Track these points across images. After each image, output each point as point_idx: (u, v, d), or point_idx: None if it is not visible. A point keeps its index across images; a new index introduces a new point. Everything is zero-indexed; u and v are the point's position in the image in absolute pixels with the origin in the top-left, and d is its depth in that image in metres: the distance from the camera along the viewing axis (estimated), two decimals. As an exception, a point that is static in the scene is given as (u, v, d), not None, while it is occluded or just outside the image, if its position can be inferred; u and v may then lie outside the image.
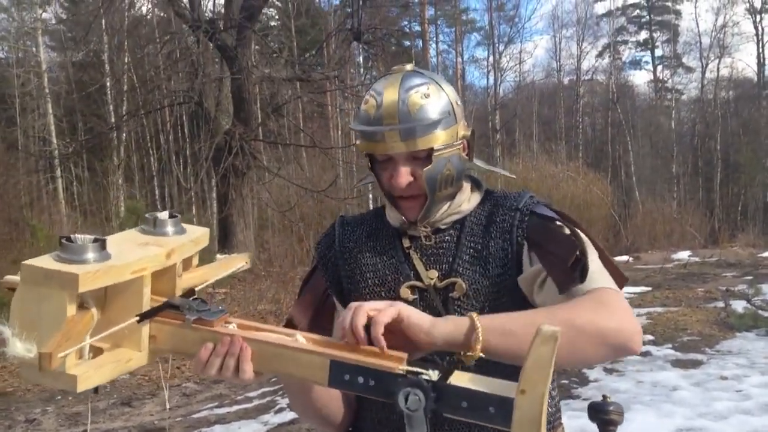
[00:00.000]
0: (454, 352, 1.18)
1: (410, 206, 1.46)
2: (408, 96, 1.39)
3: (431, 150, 1.40)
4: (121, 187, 20.69)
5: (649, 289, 11.75)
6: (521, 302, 1.37)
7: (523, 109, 35.27)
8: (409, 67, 1.47)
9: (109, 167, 21.11)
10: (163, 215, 1.31)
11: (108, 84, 21.28)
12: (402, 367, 1.10)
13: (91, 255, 1.10)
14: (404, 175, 1.41)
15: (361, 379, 1.12)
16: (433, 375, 1.09)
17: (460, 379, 1.08)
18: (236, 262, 1.45)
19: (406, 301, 1.43)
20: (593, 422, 1.47)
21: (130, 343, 1.20)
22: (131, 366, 1.21)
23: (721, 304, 9.74)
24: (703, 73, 36.84)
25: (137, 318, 1.19)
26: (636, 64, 41.31)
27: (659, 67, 39.48)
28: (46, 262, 1.09)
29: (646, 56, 40.60)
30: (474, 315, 1.18)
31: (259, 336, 1.21)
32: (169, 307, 1.21)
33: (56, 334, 1.07)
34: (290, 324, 1.57)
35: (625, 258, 16.11)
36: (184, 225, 1.34)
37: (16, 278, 1.21)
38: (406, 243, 1.48)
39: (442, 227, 1.49)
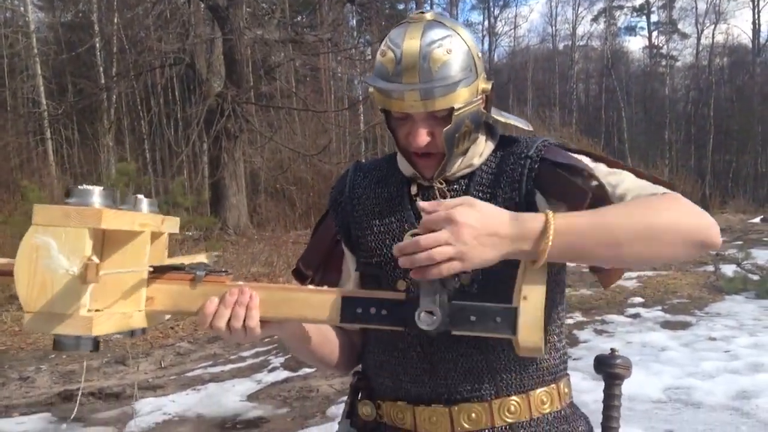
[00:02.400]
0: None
1: (427, 164, 1.40)
2: (430, 51, 1.29)
3: (452, 109, 1.32)
4: (111, 149, 20.53)
5: (640, 253, 11.83)
6: None
7: (518, 75, 35.07)
8: (429, 16, 1.36)
9: (99, 129, 20.92)
10: (140, 196, 1.29)
11: (97, 45, 20.99)
12: (404, 294, 1.18)
13: (105, 200, 1.09)
14: (422, 135, 1.34)
15: (373, 310, 1.17)
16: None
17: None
18: (198, 257, 1.44)
19: None
20: (599, 374, 1.43)
21: (128, 303, 1.19)
22: (132, 324, 1.19)
23: (711, 268, 9.83)
24: (699, 39, 36.70)
25: (151, 268, 1.19)
26: (631, 29, 41.05)
27: (654, 33, 39.25)
28: (59, 204, 1.06)
29: (642, 22, 40.31)
30: (549, 215, 1.12)
31: (268, 285, 1.22)
32: (174, 269, 1.21)
33: (88, 257, 1.06)
34: (297, 273, 1.57)
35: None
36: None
37: (5, 260, 1.18)
38: (413, 190, 1.43)
39: (452, 178, 1.43)
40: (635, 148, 32.07)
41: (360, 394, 1.49)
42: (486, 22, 34.24)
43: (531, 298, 1.11)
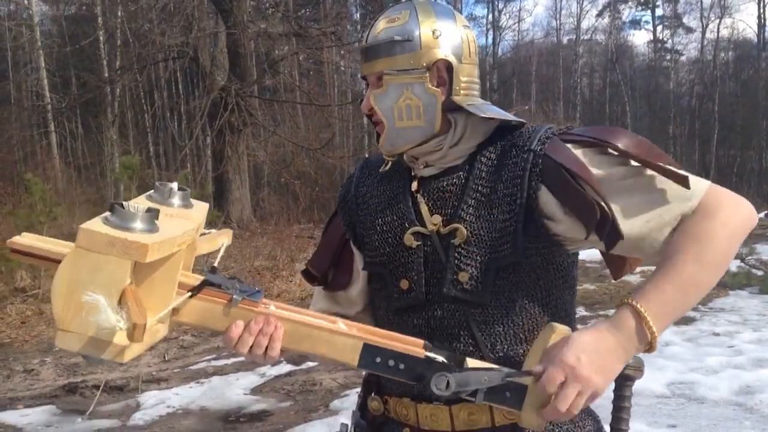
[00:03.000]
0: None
1: (380, 134, 1.43)
2: (379, 21, 1.41)
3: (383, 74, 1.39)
4: (115, 142, 20.52)
5: (644, 248, 11.80)
6: (523, 253, 1.32)
7: (521, 69, 34.98)
8: None
9: (103, 123, 20.90)
10: (175, 186, 1.30)
11: (101, 38, 20.95)
12: (425, 353, 1.22)
13: (147, 225, 1.07)
14: (367, 98, 1.42)
15: (391, 363, 1.22)
16: (448, 359, 1.22)
17: (473, 363, 1.23)
18: (220, 239, 1.43)
19: (410, 248, 1.40)
20: None
21: (153, 308, 1.17)
22: (159, 337, 1.21)
23: (715, 263, 9.80)
24: (704, 33, 36.54)
25: (189, 294, 1.20)
26: (636, 23, 40.94)
27: (659, 27, 39.11)
28: (102, 227, 1.04)
29: (646, 15, 40.20)
30: (640, 310, 1.18)
31: (294, 317, 1.25)
32: (210, 285, 1.22)
33: (138, 307, 1.05)
34: (307, 274, 1.59)
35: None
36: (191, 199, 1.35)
37: (22, 240, 1.19)
38: (414, 186, 1.43)
39: (447, 166, 1.42)
40: (639, 142, 31.97)
41: (370, 389, 1.51)
42: (490, 16, 34.16)
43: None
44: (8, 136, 18.00)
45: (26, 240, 1.19)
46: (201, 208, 1.34)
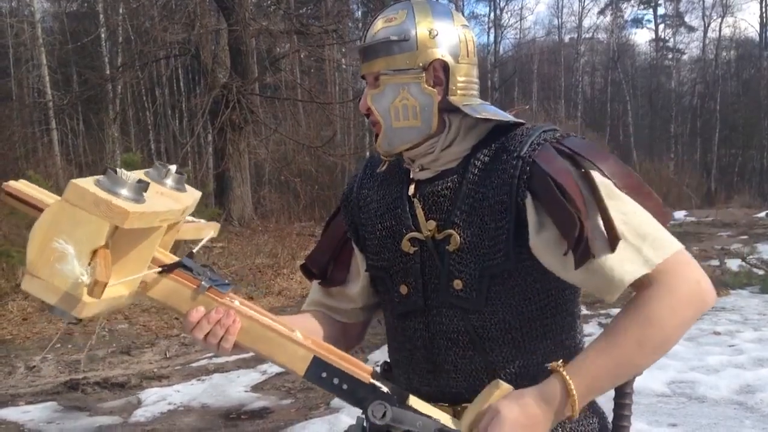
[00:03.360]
0: None
1: (377, 134, 1.43)
2: (377, 20, 1.41)
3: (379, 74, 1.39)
4: (117, 140, 20.52)
5: (645, 247, 11.79)
6: (516, 259, 1.31)
7: (523, 68, 34.95)
8: None
9: (104, 120, 20.89)
10: (173, 168, 1.33)
11: (102, 35, 20.94)
12: (371, 379, 1.25)
13: (135, 195, 1.10)
14: (364, 98, 1.42)
15: (336, 381, 1.25)
16: (392, 390, 1.26)
17: (415, 402, 1.26)
18: (206, 230, 1.45)
19: (407, 254, 1.41)
20: None
21: (123, 288, 1.21)
22: (120, 303, 1.23)
23: (716, 263, 9.81)
24: (705, 32, 36.53)
25: (159, 269, 1.23)
26: (638, 22, 40.97)
27: (661, 26, 39.07)
28: (93, 187, 1.08)
29: (648, 14, 40.15)
30: (569, 385, 1.19)
31: (254, 315, 1.28)
32: (183, 267, 1.25)
33: (105, 266, 1.07)
34: (305, 269, 1.60)
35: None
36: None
37: (18, 185, 1.22)
38: (411, 190, 1.42)
39: (441, 169, 1.40)
40: (640, 141, 31.98)
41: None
42: (492, 14, 34.12)
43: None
44: (9, 133, 17.98)
45: (21, 186, 1.22)
46: (192, 194, 1.36)
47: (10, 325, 7.96)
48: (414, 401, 1.27)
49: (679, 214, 15.70)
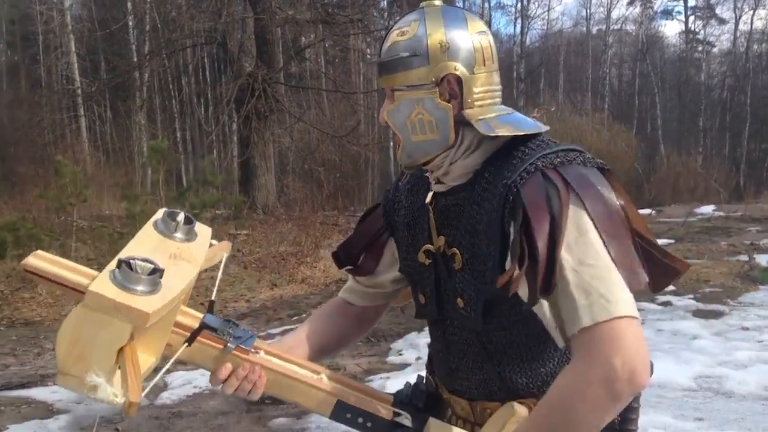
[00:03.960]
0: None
1: (398, 145, 1.43)
2: (391, 33, 1.38)
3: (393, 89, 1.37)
4: (143, 127, 20.72)
5: (672, 241, 11.67)
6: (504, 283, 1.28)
7: (550, 59, 34.62)
8: (436, 2, 1.38)
9: (131, 107, 21.11)
10: (181, 218, 1.34)
11: (130, 23, 21.11)
12: (391, 415, 1.37)
13: (150, 287, 1.12)
14: (382, 111, 1.41)
15: (360, 420, 1.36)
16: (410, 421, 1.37)
17: (436, 426, 1.36)
18: (219, 254, 1.47)
19: (423, 265, 1.45)
20: None
21: (147, 350, 1.24)
22: (147, 372, 1.26)
23: (744, 258, 9.66)
24: (736, 24, 35.87)
25: (186, 345, 1.29)
26: (668, 13, 40.25)
27: (691, 18, 38.43)
28: (110, 289, 1.09)
29: (679, 6, 39.55)
30: None
31: (279, 367, 1.38)
32: (207, 328, 1.32)
33: (135, 381, 1.12)
34: (336, 257, 1.64)
35: (647, 211, 15.98)
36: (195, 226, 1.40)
37: (37, 262, 1.19)
38: (428, 198, 1.44)
39: (453, 184, 1.39)
40: (668, 135, 31.56)
41: (430, 365, 1.62)
42: (519, 5, 33.82)
43: None
44: (39, 119, 18.25)
45: (40, 263, 1.19)
46: (203, 240, 1.38)
47: (39, 307, 8.10)
48: (434, 424, 1.37)
49: (708, 209, 15.47)
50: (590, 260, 1.17)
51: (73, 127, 20.84)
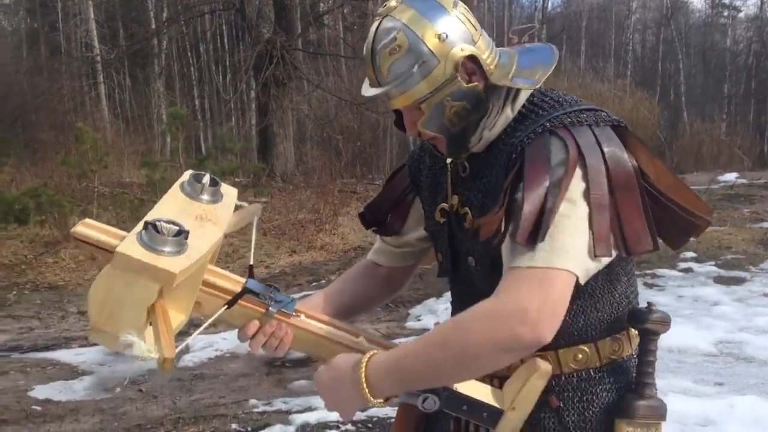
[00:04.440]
0: None
1: (439, 147, 1.40)
2: (378, 54, 1.31)
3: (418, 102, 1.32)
4: (162, 95, 20.75)
5: (694, 209, 11.52)
6: None
7: (571, 25, 34.03)
8: (392, 4, 1.32)
9: (150, 75, 21.14)
10: (207, 180, 1.35)
11: (148, -11, 21.05)
12: None
13: (177, 248, 1.15)
14: (410, 128, 1.38)
15: None
16: None
17: (461, 386, 1.32)
18: (248, 215, 1.47)
19: (439, 224, 1.46)
20: (633, 329, 1.38)
21: (177, 308, 1.26)
22: (178, 329, 1.28)
23: (767, 225, 9.56)
24: (764, -12, 34.89)
25: (226, 306, 1.30)
26: (693, -23, 39.29)
27: (717, -18, 37.50)
28: (137, 250, 1.12)
29: (705, -31, 38.51)
30: (361, 368, 1.26)
31: (317, 329, 1.38)
32: (249, 292, 1.32)
33: (168, 337, 1.14)
34: (363, 217, 1.65)
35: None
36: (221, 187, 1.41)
37: (83, 230, 1.22)
38: (449, 159, 1.44)
39: (477, 151, 1.39)
40: (692, 101, 31.04)
41: None
42: (540, -31, 33.14)
43: (518, 410, 1.30)
44: (59, 87, 18.32)
45: (86, 230, 1.23)
46: (229, 201, 1.39)
47: (62, 271, 8.22)
48: (459, 385, 1.33)
49: (731, 176, 15.24)
50: (566, 212, 1.19)
51: (93, 95, 20.92)
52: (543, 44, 1.41)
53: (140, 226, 1.16)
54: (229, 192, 1.41)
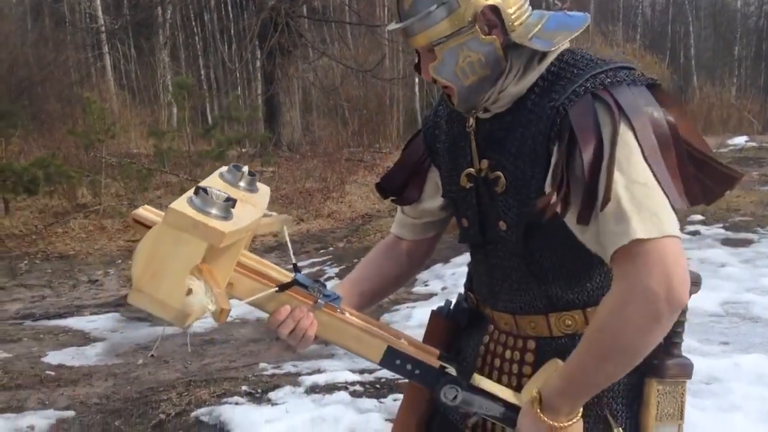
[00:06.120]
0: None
1: (449, 95, 1.38)
2: None
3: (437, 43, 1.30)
4: (167, 65, 20.65)
5: (702, 172, 11.46)
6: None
7: (579, -12, 33.54)
8: None
9: (155, 46, 21.03)
10: (246, 169, 1.41)
11: (151, -43, 20.82)
12: (440, 364, 1.38)
13: (224, 213, 1.19)
14: (425, 70, 1.36)
15: (409, 366, 1.38)
16: (455, 371, 1.38)
17: (480, 381, 1.39)
18: (278, 224, 1.50)
19: (465, 189, 1.44)
20: None
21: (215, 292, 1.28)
22: (211, 308, 1.29)
23: (776, 188, 9.51)
24: (777, -52, 34.22)
25: (276, 288, 1.33)
26: (704, -63, 38.54)
27: (729, -59, 36.76)
28: (188, 209, 1.17)
29: (716, -71, 37.75)
30: (535, 405, 1.29)
31: (354, 322, 1.39)
32: (298, 284, 1.36)
33: (220, 290, 1.19)
34: (380, 188, 1.64)
35: (678, 143, 15.62)
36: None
37: (146, 214, 1.29)
38: (470, 123, 1.40)
39: (499, 111, 1.36)
40: (702, 64, 30.67)
41: (470, 282, 1.61)
42: (547, -69, 32.62)
43: None
44: (64, 58, 18.27)
45: (145, 213, 1.31)
46: (264, 194, 1.44)
47: (72, 241, 8.30)
48: (479, 380, 1.38)
49: (740, 140, 15.09)
50: (641, 179, 1.18)
51: (99, 66, 20.85)
52: (582, 13, 1.39)
53: (191, 191, 1.21)
54: (263, 188, 1.46)
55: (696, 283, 1.36)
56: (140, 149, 13.39)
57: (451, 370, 1.36)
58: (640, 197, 1.16)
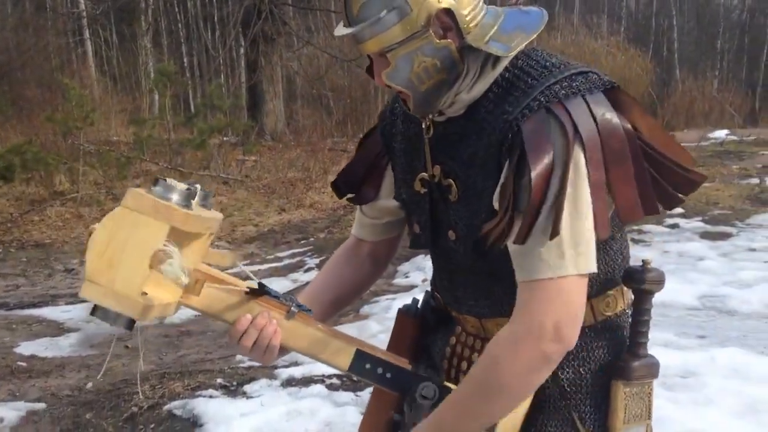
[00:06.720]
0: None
1: (404, 99, 1.32)
2: None
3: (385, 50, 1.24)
4: (149, 52, 20.44)
5: (683, 165, 11.53)
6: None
7: (565, -21, 33.54)
8: None
9: (137, 32, 20.79)
10: (198, 187, 1.36)
11: (133, -58, 20.54)
12: (409, 364, 1.34)
13: (185, 201, 1.17)
14: (377, 76, 1.29)
15: (380, 370, 1.32)
16: (429, 376, 1.34)
17: (451, 386, 1.33)
18: (230, 258, 1.44)
19: (418, 194, 1.38)
20: (627, 288, 1.36)
21: (174, 294, 1.23)
22: (168, 313, 1.25)
23: (755, 181, 9.58)
24: (761, -58, 34.40)
25: (247, 290, 1.27)
26: (689, -69, 38.64)
27: (714, -65, 36.90)
28: (149, 193, 1.15)
29: None
30: None
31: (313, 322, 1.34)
32: (268, 294, 1.30)
33: (192, 268, 1.17)
34: (336, 186, 1.58)
35: (660, 135, 15.72)
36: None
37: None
38: (426, 125, 1.34)
39: (454, 116, 1.30)
40: (684, 58, 30.82)
41: (434, 285, 1.55)
42: None
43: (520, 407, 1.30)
44: (44, 44, 18.01)
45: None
46: (216, 216, 1.38)
47: (49, 229, 8.19)
48: (450, 384, 1.34)
49: (721, 133, 15.21)
50: (583, 210, 1.17)
51: (80, 52, 20.60)
52: (537, 9, 1.33)
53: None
54: (215, 213, 1.38)
55: (660, 282, 1.34)
56: (120, 137, 13.24)
57: (424, 371, 1.33)
58: (578, 233, 1.16)
